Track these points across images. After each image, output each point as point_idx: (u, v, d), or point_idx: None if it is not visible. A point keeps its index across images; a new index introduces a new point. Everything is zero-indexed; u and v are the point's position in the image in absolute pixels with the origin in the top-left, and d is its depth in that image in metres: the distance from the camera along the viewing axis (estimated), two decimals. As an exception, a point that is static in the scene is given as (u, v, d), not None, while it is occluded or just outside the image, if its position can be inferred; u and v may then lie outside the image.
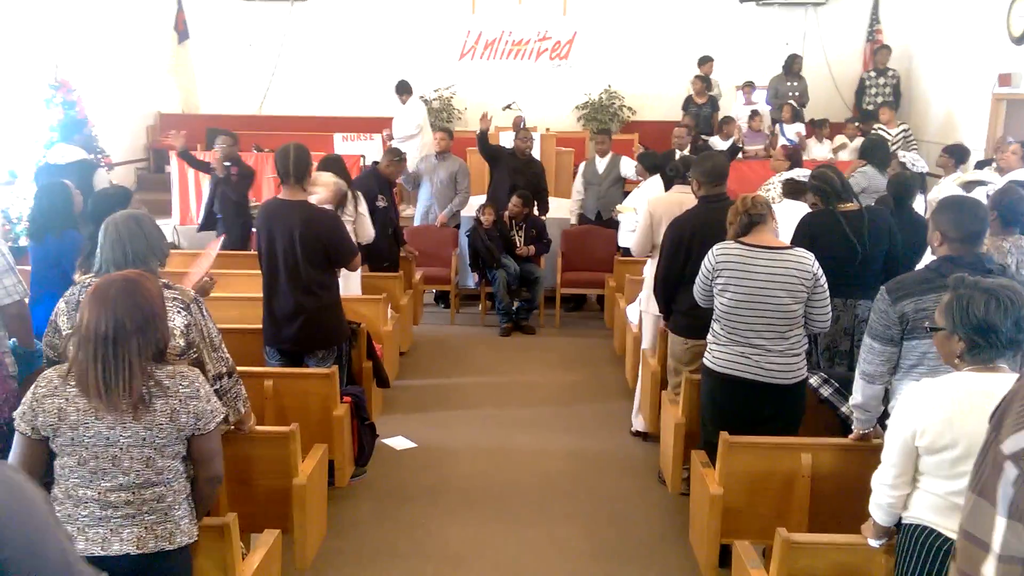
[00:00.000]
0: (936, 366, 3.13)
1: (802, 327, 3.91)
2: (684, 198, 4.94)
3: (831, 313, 3.94)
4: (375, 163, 8.03)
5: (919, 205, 5.48)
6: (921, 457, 2.64)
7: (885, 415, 3.42)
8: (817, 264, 3.86)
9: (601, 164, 8.42)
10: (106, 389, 2.46)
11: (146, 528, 2.57)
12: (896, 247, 4.55)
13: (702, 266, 4.01)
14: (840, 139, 10.63)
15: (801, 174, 5.23)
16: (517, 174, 8.25)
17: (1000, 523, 1.79)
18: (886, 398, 3.44)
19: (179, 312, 3.11)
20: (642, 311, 5.58)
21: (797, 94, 11.43)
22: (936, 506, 2.63)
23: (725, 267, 3.87)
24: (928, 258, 3.56)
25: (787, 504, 3.72)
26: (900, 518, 2.79)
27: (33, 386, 2.54)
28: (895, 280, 3.33)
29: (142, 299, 2.52)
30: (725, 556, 3.77)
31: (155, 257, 3.16)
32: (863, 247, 4.45)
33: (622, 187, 8.52)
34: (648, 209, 5.21)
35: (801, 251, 3.91)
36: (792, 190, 5.24)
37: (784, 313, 3.82)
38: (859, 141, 9.78)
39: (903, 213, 5.14)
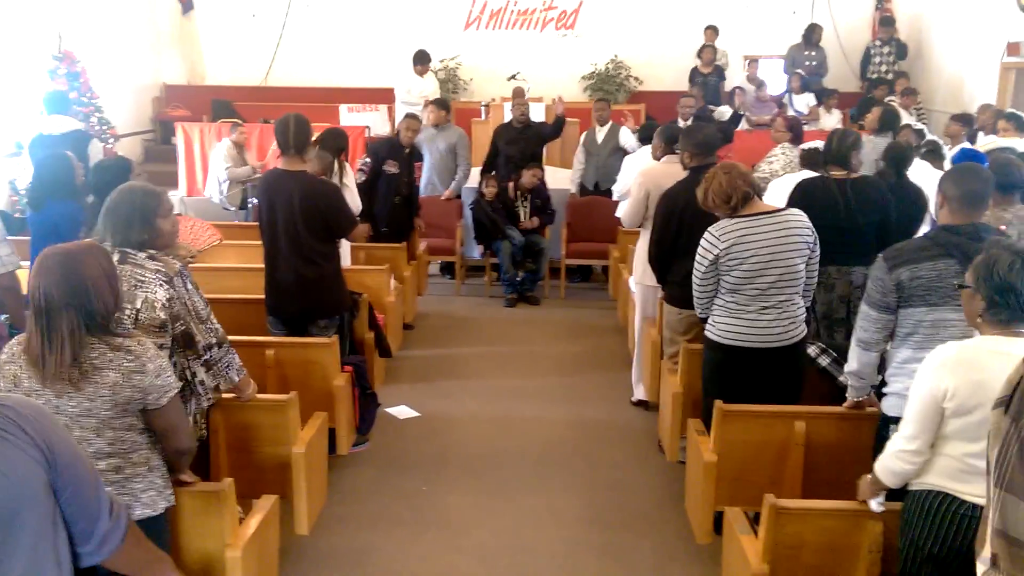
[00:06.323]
0: (931, 335, 3.14)
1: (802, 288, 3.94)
2: (673, 169, 4.91)
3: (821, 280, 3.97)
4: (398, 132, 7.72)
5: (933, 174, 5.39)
6: (947, 420, 2.60)
7: (882, 383, 3.43)
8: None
9: (600, 133, 8.37)
10: (43, 359, 2.44)
11: None
12: (889, 215, 4.51)
13: (700, 253, 3.90)
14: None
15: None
16: (509, 144, 8.20)
17: None
18: (882, 367, 3.45)
19: (160, 285, 3.05)
20: (637, 282, 5.58)
21: (814, 64, 11.30)
22: (951, 470, 2.62)
23: (733, 245, 3.80)
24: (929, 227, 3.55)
25: (781, 472, 3.75)
26: (906, 486, 2.78)
27: None
28: (893, 248, 3.32)
29: (71, 271, 2.45)
30: (720, 523, 3.80)
31: (140, 229, 3.08)
32: (852, 214, 4.43)
33: (622, 157, 8.45)
34: (639, 180, 5.19)
35: (797, 211, 3.94)
36: (809, 160, 5.24)
37: (793, 274, 3.84)
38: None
39: (900, 182, 5.09)
